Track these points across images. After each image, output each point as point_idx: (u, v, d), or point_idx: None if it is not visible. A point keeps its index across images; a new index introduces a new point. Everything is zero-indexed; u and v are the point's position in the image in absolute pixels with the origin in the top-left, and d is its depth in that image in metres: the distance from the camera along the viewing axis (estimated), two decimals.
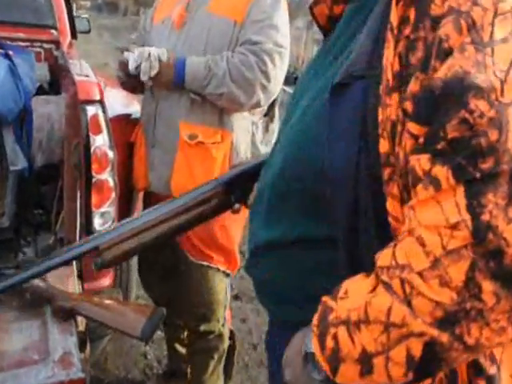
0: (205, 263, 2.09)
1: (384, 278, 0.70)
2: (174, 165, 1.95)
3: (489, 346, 0.67)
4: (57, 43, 3.18)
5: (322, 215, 0.85)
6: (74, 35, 3.66)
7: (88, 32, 4.35)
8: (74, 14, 3.99)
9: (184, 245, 2.08)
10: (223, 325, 2.24)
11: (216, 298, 2.16)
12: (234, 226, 2.04)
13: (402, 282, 0.67)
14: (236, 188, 1.16)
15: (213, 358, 2.27)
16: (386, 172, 0.74)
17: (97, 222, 1.78)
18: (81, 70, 1.90)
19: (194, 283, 2.14)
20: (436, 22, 0.69)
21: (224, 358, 2.30)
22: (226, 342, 2.28)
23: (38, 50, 3.23)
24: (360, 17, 0.89)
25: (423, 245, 0.66)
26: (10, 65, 2.13)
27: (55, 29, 3.31)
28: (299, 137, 0.90)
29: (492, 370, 0.77)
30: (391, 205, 0.75)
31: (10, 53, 2.29)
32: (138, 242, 1.14)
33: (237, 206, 1.17)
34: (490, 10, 0.67)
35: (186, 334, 2.41)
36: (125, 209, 2.21)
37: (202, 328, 2.22)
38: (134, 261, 2.53)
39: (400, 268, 0.68)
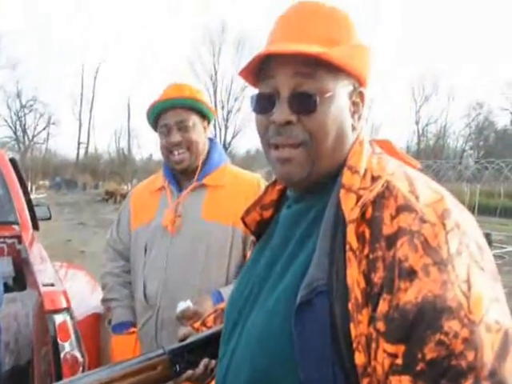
0: None
1: None
2: None
3: None
4: (19, 237, 3.28)
5: None
6: (35, 226, 3.78)
7: (49, 218, 4.45)
8: (34, 195, 4.11)
9: None
10: None
11: None
12: None
13: None
14: (181, 358, 1.16)
15: None
16: (365, 381, 0.75)
17: None
18: (44, 269, 1.96)
19: None
20: (390, 240, 0.75)
21: None
22: None
23: (1, 245, 3.32)
24: (302, 224, 0.93)
25: None
26: None
27: (17, 224, 3.43)
28: (266, 351, 0.86)
29: None
30: None
31: None
32: None
33: (181, 377, 1.16)
34: (439, 227, 0.74)
35: None
36: None
37: None
38: None
39: None
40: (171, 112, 1.91)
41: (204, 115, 1.99)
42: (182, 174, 1.99)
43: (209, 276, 1.89)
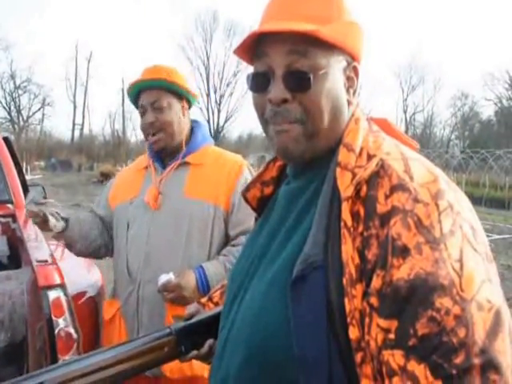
0: None
1: None
2: None
3: None
4: (13, 216, 3.25)
5: None
6: None
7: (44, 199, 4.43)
8: (29, 176, 4.10)
9: None
10: None
11: None
12: None
13: None
14: (187, 339, 1.15)
15: None
16: (359, 355, 0.77)
17: None
18: (39, 247, 1.94)
19: None
20: (383, 219, 0.76)
21: None
22: None
23: None
24: (301, 200, 0.94)
25: None
26: None
27: (11, 203, 3.41)
28: (262, 325, 0.87)
29: None
30: None
31: None
32: (87, 383, 1.03)
33: (187, 356, 1.16)
34: (432, 207, 0.76)
35: None
36: None
37: None
38: None
39: None
40: (147, 92, 1.95)
41: (181, 96, 2.00)
42: (164, 153, 2.02)
43: (190, 252, 1.90)
